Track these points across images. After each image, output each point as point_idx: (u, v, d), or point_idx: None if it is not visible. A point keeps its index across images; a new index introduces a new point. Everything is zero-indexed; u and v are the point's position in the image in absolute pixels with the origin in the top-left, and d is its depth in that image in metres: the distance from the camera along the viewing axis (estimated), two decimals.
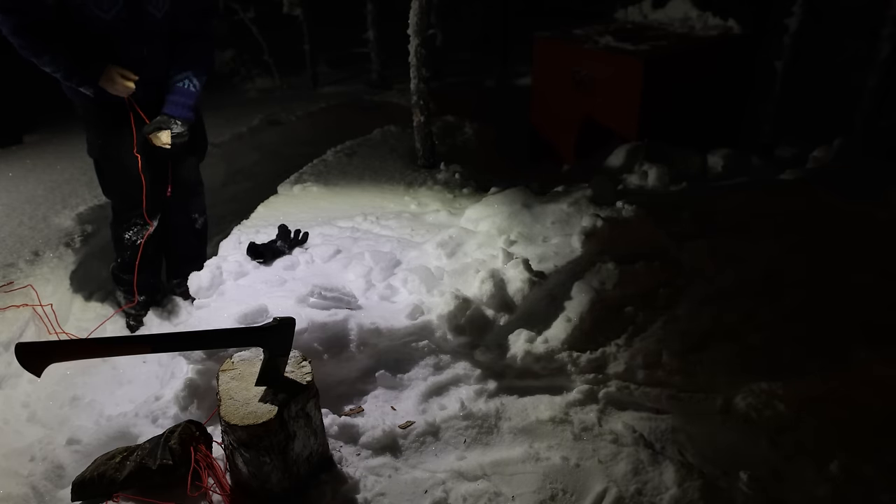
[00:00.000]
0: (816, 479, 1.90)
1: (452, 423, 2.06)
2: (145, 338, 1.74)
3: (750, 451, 2.02)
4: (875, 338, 2.39)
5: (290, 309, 2.40)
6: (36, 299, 2.81)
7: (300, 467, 1.83)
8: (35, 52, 2.52)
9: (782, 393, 2.15)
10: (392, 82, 6.26)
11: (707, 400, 2.17)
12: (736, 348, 2.32)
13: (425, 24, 3.60)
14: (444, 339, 2.32)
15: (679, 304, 2.51)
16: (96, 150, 2.86)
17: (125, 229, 2.96)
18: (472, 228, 2.98)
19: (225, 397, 1.79)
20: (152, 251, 3.06)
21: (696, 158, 4.32)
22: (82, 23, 2.51)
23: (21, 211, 3.46)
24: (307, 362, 1.90)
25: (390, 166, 3.90)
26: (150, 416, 2.25)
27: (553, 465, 1.94)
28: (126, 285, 3.06)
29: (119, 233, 2.99)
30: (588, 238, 2.61)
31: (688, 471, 1.89)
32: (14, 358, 1.64)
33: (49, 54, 2.52)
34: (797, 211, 3.14)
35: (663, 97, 4.49)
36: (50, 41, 2.51)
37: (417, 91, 3.75)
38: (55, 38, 2.51)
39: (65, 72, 2.57)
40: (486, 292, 2.36)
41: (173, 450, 1.87)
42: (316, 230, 3.09)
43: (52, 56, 2.52)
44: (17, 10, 2.43)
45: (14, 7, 2.43)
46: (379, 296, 2.58)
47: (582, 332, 2.34)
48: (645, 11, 5.58)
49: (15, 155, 4.36)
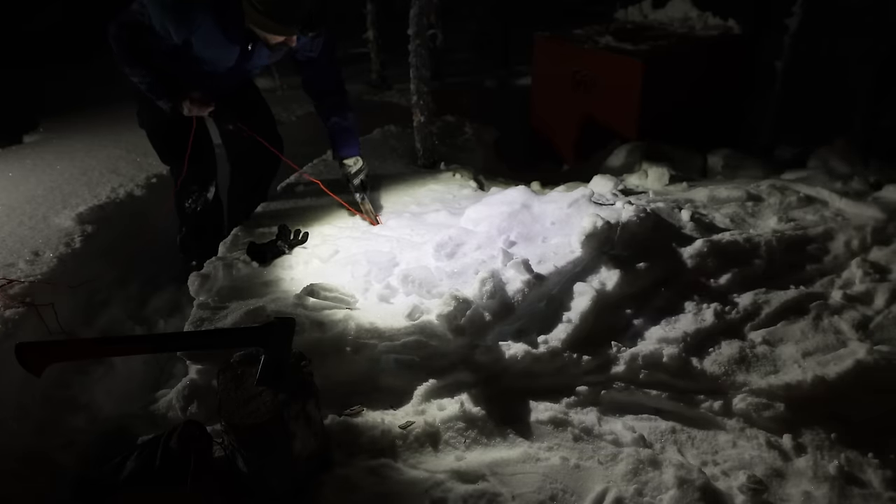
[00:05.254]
0: (816, 479, 1.90)
1: (452, 423, 2.06)
2: (145, 338, 1.75)
3: (750, 451, 2.02)
4: (875, 337, 2.40)
5: (289, 309, 2.40)
6: (36, 299, 2.81)
7: (300, 467, 1.83)
8: (129, 64, 2.71)
9: (782, 393, 2.15)
10: (392, 82, 6.26)
11: (707, 400, 2.17)
12: (736, 348, 2.32)
13: (425, 24, 3.60)
14: (443, 340, 2.32)
15: (679, 305, 2.51)
16: (148, 123, 3.05)
17: (185, 197, 3.16)
18: (472, 228, 2.98)
19: (225, 397, 1.79)
20: (213, 219, 3.27)
21: (696, 158, 4.33)
22: (188, 63, 2.73)
23: (21, 211, 3.45)
24: (307, 362, 1.90)
25: (390, 166, 3.90)
26: (149, 416, 2.25)
27: (553, 465, 1.93)
28: (192, 252, 3.25)
29: (180, 202, 3.17)
30: (588, 238, 2.61)
31: (688, 471, 1.89)
32: (13, 358, 1.64)
33: (142, 69, 2.70)
34: (797, 211, 3.14)
35: (663, 97, 4.50)
36: (147, 60, 2.69)
37: (417, 91, 3.74)
38: (150, 59, 2.70)
39: (149, 86, 2.74)
40: (486, 293, 2.36)
41: (173, 450, 1.87)
42: (316, 230, 3.09)
43: (145, 72, 2.70)
44: (134, 39, 2.64)
45: (133, 36, 2.64)
46: (378, 296, 2.58)
47: (582, 332, 2.33)
48: (645, 11, 5.58)
49: (15, 155, 4.35)
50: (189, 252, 3.29)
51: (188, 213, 3.21)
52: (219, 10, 2.59)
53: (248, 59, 2.84)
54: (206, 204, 3.21)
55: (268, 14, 2.54)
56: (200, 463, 1.85)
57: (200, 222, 3.23)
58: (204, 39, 2.64)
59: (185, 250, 3.32)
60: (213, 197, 3.24)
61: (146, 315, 3.31)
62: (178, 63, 2.72)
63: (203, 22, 2.58)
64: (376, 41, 6.20)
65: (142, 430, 2.27)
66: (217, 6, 2.58)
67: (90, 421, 2.52)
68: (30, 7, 7.10)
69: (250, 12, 2.56)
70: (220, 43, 2.69)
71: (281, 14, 2.55)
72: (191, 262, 3.25)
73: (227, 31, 2.65)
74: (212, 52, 2.72)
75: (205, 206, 3.21)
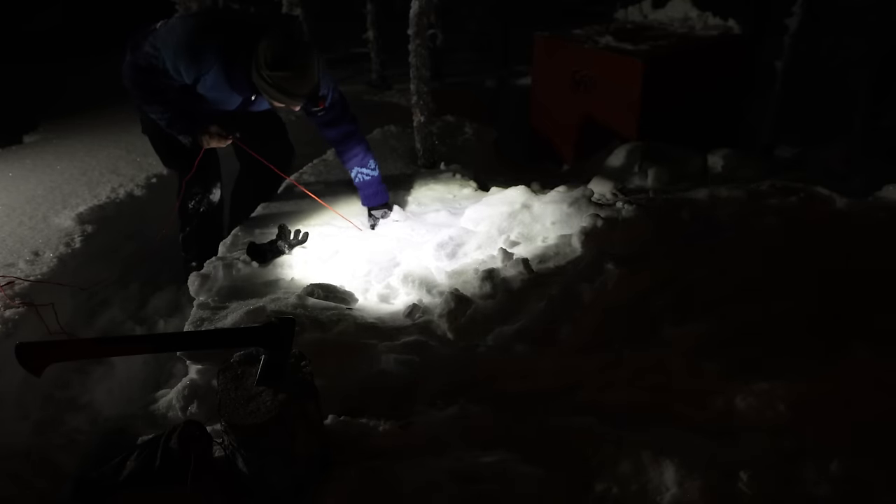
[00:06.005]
0: (816, 479, 1.90)
1: (452, 424, 2.06)
2: (145, 338, 1.75)
3: (750, 451, 2.02)
4: (875, 337, 2.39)
5: (289, 309, 2.40)
6: (36, 299, 2.81)
7: (300, 467, 1.83)
8: (148, 102, 2.82)
9: (782, 393, 2.15)
10: (392, 82, 6.26)
11: (707, 400, 2.17)
12: (736, 348, 2.32)
13: (425, 24, 3.60)
14: (444, 340, 2.32)
15: (679, 305, 2.51)
16: (151, 129, 3.07)
17: (188, 200, 3.19)
18: (472, 228, 2.98)
19: (225, 397, 1.79)
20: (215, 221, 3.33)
21: (696, 158, 4.32)
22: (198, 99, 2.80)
23: (21, 211, 3.46)
24: (307, 362, 1.90)
25: (390, 166, 3.90)
26: (149, 416, 2.25)
27: (553, 466, 1.93)
28: (193, 251, 3.27)
29: (183, 204, 3.21)
30: (588, 238, 2.60)
31: (688, 471, 1.89)
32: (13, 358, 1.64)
33: (160, 106, 2.80)
34: (797, 211, 3.14)
35: (663, 97, 4.50)
36: (164, 98, 2.79)
37: (417, 91, 3.74)
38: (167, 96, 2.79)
39: (168, 122, 2.83)
40: (486, 292, 2.36)
41: (173, 450, 1.87)
42: (316, 230, 3.09)
43: (163, 108, 2.80)
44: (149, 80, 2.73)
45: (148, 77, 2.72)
46: (378, 296, 2.58)
47: (582, 332, 2.33)
48: (645, 11, 5.58)
49: (15, 155, 4.36)
50: (190, 251, 3.31)
51: (190, 215, 3.24)
52: (227, 63, 2.66)
53: (251, 105, 2.90)
54: (209, 206, 3.24)
55: (276, 87, 2.60)
56: (200, 463, 1.85)
57: (202, 224, 3.25)
58: (210, 83, 2.71)
59: (186, 249, 3.34)
60: (217, 200, 3.27)
61: (146, 315, 3.31)
62: (189, 98, 2.79)
63: (211, 67, 2.65)
64: (376, 41, 6.20)
65: (142, 430, 2.27)
66: (226, 60, 2.65)
67: (90, 421, 2.52)
68: (30, 7, 7.11)
69: (258, 80, 2.62)
70: (225, 90, 2.76)
71: (287, 90, 2.62)
72: (191, 262, 3.26)
73: (232, 82, 2.72)
74: (216, 95, 2.78)
75: (207, 209, 3.24)
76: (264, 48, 2.54)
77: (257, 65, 2.56)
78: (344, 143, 3.16)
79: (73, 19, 7.34)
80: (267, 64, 2.53)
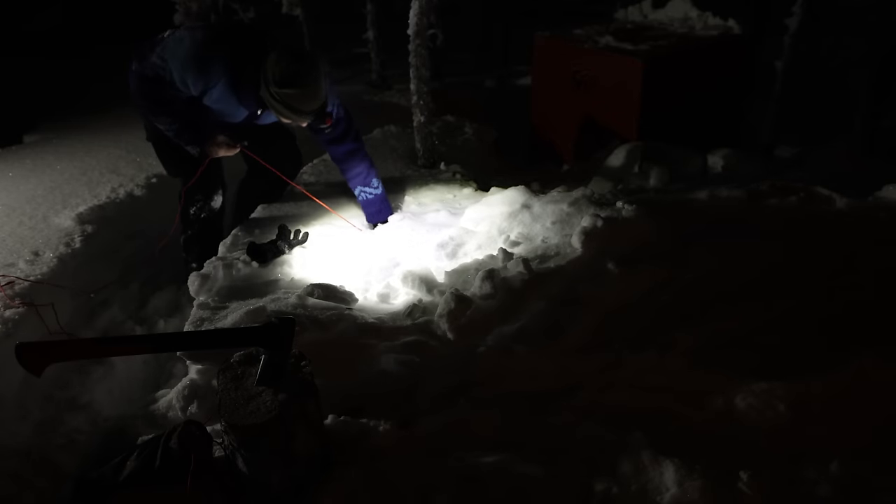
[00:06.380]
0: (816, 479, 1.90)
1: (452, 424, 2.06)
2: (145, 338, 1.75)
3: (750, 451, 2.02)
4: (875, 337, 2.39)
5: (289, 309, 2.40)
6: (36, 299, 2.81)
7: (300, 467, 1.83)
8: (155, 113, 2.82)
9: (782, 393, 2.15)
10: (392, 82, 6.26)
11: (707, 400, 2.17)
12: (736, 348, 2.31)
13: (425, 24, 3.59)
14: (444, 340, 2.31)
15: (679, 305, 2.51)
16: (155, 136, 3.08)
17: (190, 205, 3.20)
18: (472, 228, 2.98)
19: (225, 397, 1.79)
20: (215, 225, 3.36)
21: (696, 158, 4.32)
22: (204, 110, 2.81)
23: (21, 211, 3.46)
24: (307, 362, 1.90)
25: (390, 166, 3.90)
26: (149, 416, 2.25)
27: (553, 466, 1.93)
28: (193, 253, 3.32)
29: (185, 208, 3.23)
30: (588, 238, 2.60)
31: (688, 471, 1.89)
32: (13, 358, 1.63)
33: (168, 117, 2.80)
34: (797, 211, 3.14)
35: (663, 97, 4.49)
36: (171, 109, 2.79)
37: (417, 91, 3.74)
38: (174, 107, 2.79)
39: (176, 133, 2.83)
40: (487, 292, 2.36)
41: (173, 450, 1.87)
42: (316, 230, 3.09)
43: (171, 119, 2.80)
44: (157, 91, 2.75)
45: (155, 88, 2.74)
46: (378, 296, 2.58)
47: (582, 332, 2.33)
48: (645, 11, 5.58)
49: (15, 155, 4.36)
50: (191, 252, 3.33)
51: (192, 220, 3.25)
52: (234, 78, 2.66)
53: (258, 119, 2.91)
54: (210, 213, 3.26)
55: (283, 104, 2.60)
56: (200, 463, 1.85)
57: (203, 228, 3.27)
58: (216, 96, 2.72)
59: (187, 251, 3.35)
60: (218, 207, 3.29)
61: (146, 315, 3.31)
62: (195, 109, 2.80)
63: (219, 80, 2.65)
64: (376, 41, 6.20)
65: (142, 430, 2.27)
66: (233, 74, 2.65)
67: (90, 421, 2.52)
68: (30, 7, 7.11)
69: (266, 95, 2.62)
70: (232, 103, 2.77)
71: (295, 108, 2.63)
72: (191, 263, 3.27)
73: (239, 96, 2.73)
74: (222, 108, 2.79)
75: (209, 215, 3.26)
76: (273, 64, 2.54)
77: (265, 80, 2.56)
78: (348, 161, 3.15)
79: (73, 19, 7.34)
80: (275, 80, 2.53)
